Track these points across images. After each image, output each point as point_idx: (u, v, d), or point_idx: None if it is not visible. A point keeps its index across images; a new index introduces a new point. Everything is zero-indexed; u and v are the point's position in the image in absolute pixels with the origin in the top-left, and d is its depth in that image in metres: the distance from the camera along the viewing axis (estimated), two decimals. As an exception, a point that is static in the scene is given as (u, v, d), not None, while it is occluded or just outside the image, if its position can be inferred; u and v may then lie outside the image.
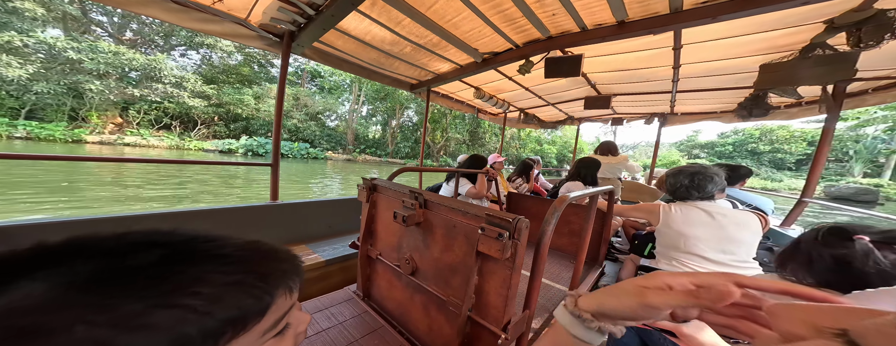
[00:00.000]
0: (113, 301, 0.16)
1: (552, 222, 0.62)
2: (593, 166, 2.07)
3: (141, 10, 1.24)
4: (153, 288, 0.18)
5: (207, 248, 0.22)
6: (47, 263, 0.17)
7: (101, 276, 0.17)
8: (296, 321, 0.28)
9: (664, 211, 1.16)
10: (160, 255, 0.20)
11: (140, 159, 1.31)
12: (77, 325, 0.15)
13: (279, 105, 1.70)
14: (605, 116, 3.95)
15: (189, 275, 0.19)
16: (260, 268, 0.23)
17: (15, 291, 0.15)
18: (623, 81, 2.51)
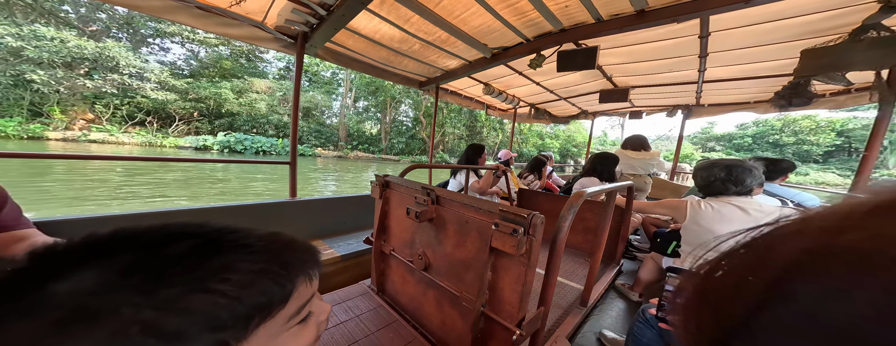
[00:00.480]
0: (154, 286, 0.18)
1: (569, 217, 0.61)
2: (610, 162, 1.97)
3: (170, 17, 1.32)
4: (188, 274, 0.19)
5: (233, 239, 0.23)
6: (98, 252, 0.19)
7: (144, 264, 0.19)
8: (317, 309, 0.29)
9: (692, 207, 1.10)
10: (193, 245, 0.21)
11: (154, 158, 1.39)
12: (124, 307, 0.17)
13: (295, 105, 1.75)
14: (622, 110, 3.78)
15: (219, 263, 0.21)
16: (281, 257, 0.24)
17: (74, 277, 0.17)
18: (642, 72, 2.39)
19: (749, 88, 2.50)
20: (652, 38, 1.78)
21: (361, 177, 10.65)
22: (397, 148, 21.02)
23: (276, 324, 0.23)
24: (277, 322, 0.23)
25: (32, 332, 0.15)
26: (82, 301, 0.16)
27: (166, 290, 0.18)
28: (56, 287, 0.17)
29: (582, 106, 3.76)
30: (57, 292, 0.17)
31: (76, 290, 0.17)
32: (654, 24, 1.39)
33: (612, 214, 1.02)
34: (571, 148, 27.80)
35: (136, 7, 1.24)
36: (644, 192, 2.45)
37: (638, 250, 2.03)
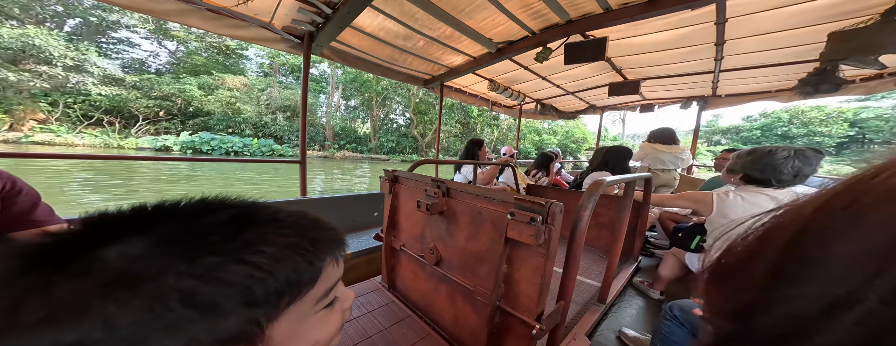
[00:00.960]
0: (195, 254, 0.18)
1: (589, 206, 0.59)
2: (623, 156, 1.89)
3: (182, 20, 1.34)
4: (226, 244, 0.19)
5: (267, 213, 0.23)
6: (146, 221, 0.19)
7: (186, 232, 0.19)
8: (342, 295, 0.28)
9: (719, 199, 1.03)
10: (231, 215, 0.21)
11: (161, 158, 1.41)
12: (166, 273, 0.17)
13: (304, 106, 1.77)
14: (632, 103, 3.69)
15: (254, 235, 0.21)
16: (310, 234, 0.24)
17: (122, 243, 0.18)
18: (654, 63, 2.31)
19: (770, 76, 2.38)
20: (664, 27, 1.72)
21: (341, 177, 10.04)
22: (387, 147, 20.01)
23: (305, 305, 0.23)
24: (306, 303, 0.23)
25: (80, 293, 0.15)
26: (128, 266, 0.17)
27: (206, 258, 0.18)
28: (106, 252, 0.17)
29: (590, 100, 3.69)
30: (106, 256, 0.17)
31: (123, 254, 0.17)
32: (666, 12, 1.34)
33: (630, 207, 0.98)
34: (570, 144, 26.94)
35: (148, 11, 1.26)
36: (670, 188, 2.34)
37: (656, 247, 1.96)
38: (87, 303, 0.15)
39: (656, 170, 2.33)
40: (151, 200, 0.21)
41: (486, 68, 2.33)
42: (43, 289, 0.15)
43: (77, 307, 0.15)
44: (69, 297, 0.15)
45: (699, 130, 3.55)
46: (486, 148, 2.30)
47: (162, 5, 1.26)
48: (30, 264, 0.16)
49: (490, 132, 23.54)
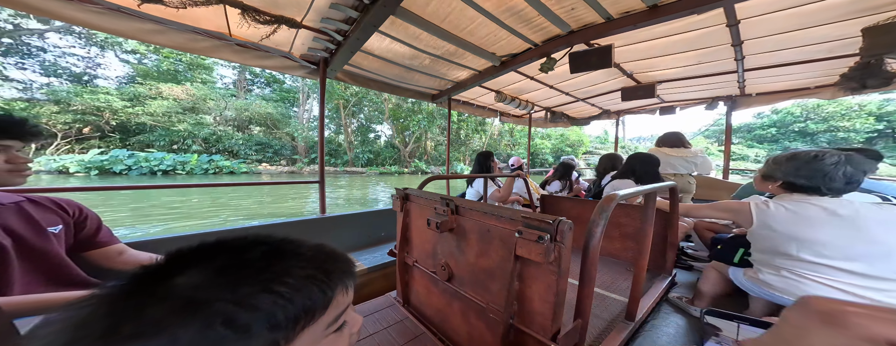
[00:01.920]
0: (236, 284, 0.23)
1: (601, 222, 0.58)
2: (651, 163, 1.77)
3: (216, 55, 1.53)
4: (259, 276, 0.24)
5: (290, 248, 0.28)
6: (205, 256, 0.25)
7: (230, 266, 0.24)
8: (351, 320, 0.32)
9: (758, 209, 0.95)
10: (263, 251, 0.26)
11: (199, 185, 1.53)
12: (215, 301, 0.21)
13: (321, 129, 1.90)
14: (650, 106, 3.57)
15: (280, 268, 0.25)
16: (325, 265, 0.28)
17: (188, 276, 0.23)
18: (668, 66, 2.25)
19: (806, 72, 2.22)
20: (672, 32, 1.70)
21: (295, 197, 8.57)
22: (363, 159, 18.20)
23: (317, 329, 0.26)
24: (318, 327, 0.26)
25: (160, 315, 0.20)
26: (191, 294, 0.21)
27: (244, 288, 0.23)
28: (177, 281, 0.22)
29: (602, 106, 3.60)
30: (177, 285, 0.22)
31: (188, 285, 0.22)
32: (670, 18, 1.33)
33: (653, 218, 0.93)
34: (566, 148, 25.45)
35: (186, 49, 1.44)
36: (688, 193, 2.23)
37: (694, 260, 1.80)
38: (164, 323, 0.20)
39: (667, 174, 2.24)
40: (209, 237, 0.27)
41: (492, 81, 2.39)
42: (137, 311, 0.20)
43: (157, 327, 0.19)
44: (153, 318, 0.20)
45: (730, 129, 3.27)
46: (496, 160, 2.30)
47: (200, 44, 1.44)
48: (130, 290, 0.22)
49: (479, 138, 22.08)
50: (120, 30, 1.24)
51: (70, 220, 0.81)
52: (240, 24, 1.36)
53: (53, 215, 0.79)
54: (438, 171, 18.86)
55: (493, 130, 22.69)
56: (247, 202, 7.94)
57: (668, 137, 2.36)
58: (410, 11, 1.42)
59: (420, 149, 20.65)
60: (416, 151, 21.15)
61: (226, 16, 1.33)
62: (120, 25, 1.23)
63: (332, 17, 1.41)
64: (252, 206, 7.56)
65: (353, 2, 1.31)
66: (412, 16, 1.44)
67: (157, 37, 1.33)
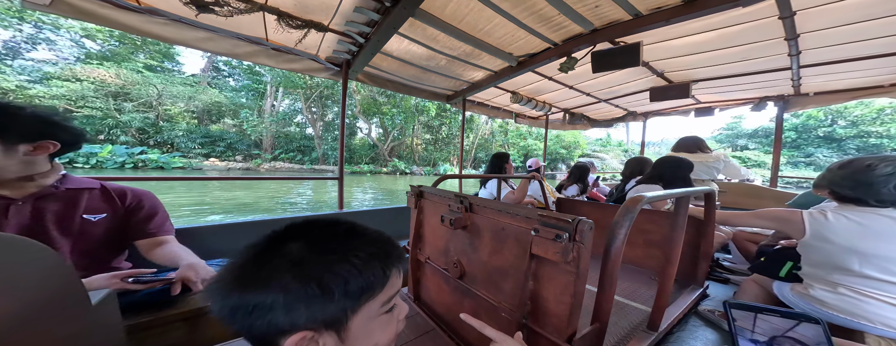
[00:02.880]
0: (325, 252, 0.30)
1: (625, 223, 0.55)
2: (681, 167, 1.64)
3: (255, 59, 1.66)
4: (341, 247, 0.31)
5: (361, 229, 0.35)
6: (305, 230, 0.33)
7: (321, 238, 0.31)
8: (400, 305, 0.37)
9: (813, 220, 0.87)
10: (342, 230, 0.33)
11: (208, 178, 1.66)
12: (311, 264, 0.29)
13: (342, 129, 1.99)
14: (683, 107, 3.29)
15: (353, 244, 0.32)
16: (386, 248, 0.33)
17: (296, 242, 0.31)
18: (706, 63, 2.07)
19: (879, 67, 1.93)
20: (710, 27, 1.56)
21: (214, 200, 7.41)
22: (334, 156, 16.22)
23: (374, 305, 0.32)
24: (376, 304, 0.32)
25: (280, 266, 0.29)
26: (298, 255, 0.29)
27: (330, 255, 0.30)
28: (290, 246, 0.30)
29: (628, 107, 3.39)
30: (290, 249, 0.30)
31: (297, 249, 0.30)
32: (710, 12, 1.22)
33: (684, 225, 0.87)
34: (560, 149, 23.55)
35: (231, 54, 1.58)
36: None
37: (731, 272, 1.64)
38: (278, 273, 0.28)
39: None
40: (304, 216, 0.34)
41: (509, 81, 2.36)
42: (262, 264, 0.29)
43: (278, 273, 0.28)
44: (273, 268, 0.28)
45: (781, 132, 2.91)
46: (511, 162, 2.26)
47: (241, 49, 1.58)
48: (260, 250, 0.30)
49: (466, 136, 21.32)
50: (180, 39, 1.39)
51: (121, 209, 0.88)
52: (276, 30, 1.47)
53: (105, 204, 0.85)
54: (422, 172, 17.93)
55: (484, 130, 21.26)
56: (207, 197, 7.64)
57: (685, 141, 2.23)
58: (429, 13, 1.45)
59: (404, 147, 19.03)
60: (397, 149, 19.32)
61: (264, 22, 1.44)
62: (180, 35, 1.38)
63: (355, 20, 1.47)
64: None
65: (375, 4, 1.36)
66: (431, 17, 1.47)
67: (208, 43, 1.48)
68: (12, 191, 0.72)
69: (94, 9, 1.16)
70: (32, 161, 0.71)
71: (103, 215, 0.84)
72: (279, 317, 0.27)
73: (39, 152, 0.71)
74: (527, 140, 22.70)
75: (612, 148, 29.52)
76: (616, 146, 30.05)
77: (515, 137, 22.49)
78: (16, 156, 0.67)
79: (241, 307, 0.27)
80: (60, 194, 0.78)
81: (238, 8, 1.27)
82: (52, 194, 0.77)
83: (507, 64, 2.07)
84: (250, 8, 1.29)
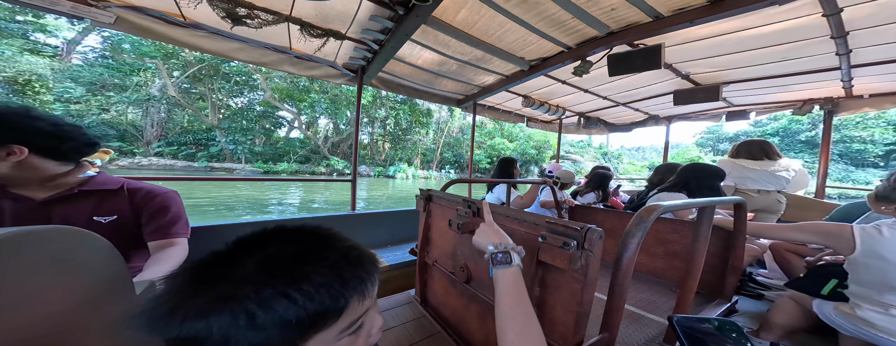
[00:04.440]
0: (262, 284, 0.25)
1: (637, 233, 0.53)
2: (709, 175, 1.50)
3: (278, 67, 1.77)
4: (281, 279, 0.26)
5: (318, 249, 0.29)
6: (256, 244, 0.29)
7: (267, 261, 0.27)
8: (370, 322, 0.33)
9: (866, 234, 0.81)
10: (293, 252, 0.28)
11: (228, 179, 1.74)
12: (244, 299, 0.24)
13: (356, 131, 2.06)
14: (713, 111, 3.03)
15: (301, 273, 0.26)
16: (343, 274, 0.28)
17: (230, 266, 0.27)
18: (739, 64, 1.91)
19: None
20: (744, 26, 1.45)
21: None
22: (244, 150, 12.61)
23: (329, 335, 0.28)
24: (331, 333, 0.28)
25: (204, 302, 0.24)
26: (229, 289, 0.25)
27: (266, 290, 0.25)
28: (236, 269, 0.26)
29: (649, 111, 3.23)
30: (234, 273, 0.26)
31: (243, 271, 0.26)
32: (739, 12, 1.14)
33: (707, 236, 0.82)
34: (530, 150, 21.13)
35: (259, 63, 1.70)
36: (774, 213, 1.84)
37: (764, 287, 1.51)
38: (205, 311, 0.24)
39: (746, 191, 1.86)
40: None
41: (521, 85, 2.35)
42: (189, 298, 0.25)
43: (200, 312, 0.24)
44: (198, 304, 0.24)
45: (830, 139, 2.56)
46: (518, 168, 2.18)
47: (268, 58, 1.70)
48: (211, 262, 0.27)
49: (423, 133, 17.79)
50: (217, 50, 1.53)
51: (131, 209, 0.84)
52: (298, 39, 1.57)
53: (118, 205, 0.83)
54: (371, 173, 15.89)
55: (451, 126, 18.71)
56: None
57: (750, 146, 1.91)
58: (441, 20, 1.49)
59: (350, 144, 15.19)
60: (341, 144, 15.82)
61: (288, 32, 1.54)
62: (218, 46, 1.52)
63: (370, 27, 1.54)
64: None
65: (389, 13, 1.41)
66: (442, 24, 1.51)
67: (240, 53, 1.61)
68: (33, 192, 0.74)
69: (150, 25, 1.32)
70: (23, 165, 0.69)
71: (114, 216, 0.82)
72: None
73: (13, 157, 0.67)
74: (494, 139, 20.51)
75: (588, 150, 27.60)
76: (595, 149, 28.14)
77: (483, 136, 20.26)
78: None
79: (174, 338, 0.23)
80: (77, 196, 0.78)
81: (266, 20, 1.37)
82: (70, 196, 0.78)
83: (518, 68, 2.06)
84: (277, 19, 1.39)
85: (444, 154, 19.98)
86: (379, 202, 10.19)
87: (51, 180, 0.76)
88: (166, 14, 1.33)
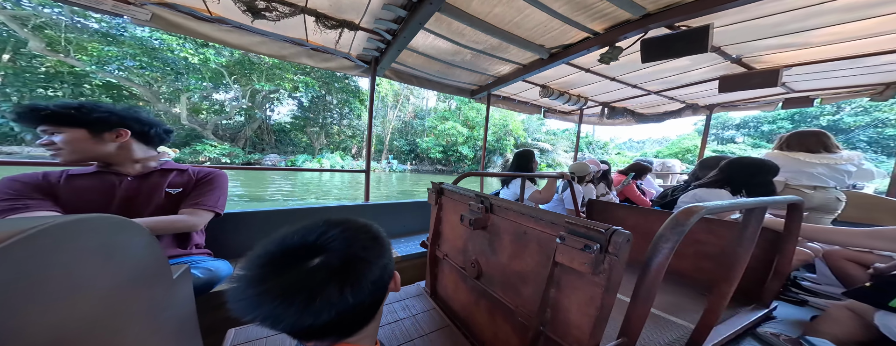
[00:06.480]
0: (362, 262, 0.36)
1: (672, 238, 0.47)
2: (760, 172, 1.34)
3: (297, 60, 1.80)
4: (370, 251, 0.38)
5: (376, 228, 0.42)
6: (333, 236, 0.37)
7: (360, 244, 0.37)
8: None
9: None
10: (373, 235, 0.40)
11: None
12: (355, 277, 0.34)
13: (369, 124, 2.07)
14: (764, 98, 2.65)
15: (381, 247, 0.40)
16: (389, 253, 0.42)
17: (330, 254, 0.35)
18: (804, 45, 1.65)
19: None
20: (812, 1, 1.23)
21: None
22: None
23: (385, 296, 0.41)
24: (386, 296, 0.41)
25: (328, 282, 0.33)
26: (342, 266, 0.34)
27: (371, 264, 0.37)
28: (330, 255, 0.35)
29: (686, 99, 2.89)
30: (331, 259, 0.34)
31: (337, 258, 0.35)
32: None
33: (754, 240, 0.73)
34: (489, 138, 15.52)
35: (279, 56, 1.74)
36: (830, 213, 1.62)
37: (810, 294, 1.37)
38: (330, 286, 0.32)
39: (799, 187, 1.63)
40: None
41: (539, 75, 2.22)
42: (312, 272, 0.33)
43: (328, 289, 0.32)
44: (324, 282, 0.33)
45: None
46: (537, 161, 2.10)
47: (287, 50, 1.73)
48: (304, 252, 0.35)
49: (356, 113, 14.81)
50: (241, 44, 1.59)
51: (192, 183, 1.06)
52: (314, 31, 1.59)
53: (183, 181, 1.05)
54: (274, 162, 13.14)
55: (406, 111, 15.25)
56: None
57: (804, 137, 1.67)
58: (456, 7, 1.42)
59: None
60: (242, 128, 12.71)
61: (304, 24, 1.55)
62: (241, 40, 1.57)
63: (383, 17, 1.50)
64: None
65: (402, 1, 1.37)
66: (457, 11, 1.44)
67: (261, 47, 1.66)
68: (127, 169, 0.98)
69: (181, 21, 1.40)
70: (124, 146, 0.93)
71: (179, 189, 1.04)
72: (331, 329, 0.34)
73: (119, 139, 0.91)
74: (447, 122, 17.23)
75: (560, 140, 24.21)
76: (564, 139, 24.48)
77: (434, 120, 17.25)
78: (105, 142, 0.89)
79: (290, 323, 0.31)
80: (157, 173, 1.02)
81: (283, 12, 1.39)
82: (152, 173, 1.01)
83: (537, 56, 1.94)
84: (293, 11, 1.41)
85: (395, 142, 16.77)
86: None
87: (140, 161, 0.99)
88: (194, 10, 1.39)
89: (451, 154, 18.08)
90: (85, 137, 0.85)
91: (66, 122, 0.83)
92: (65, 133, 0.83)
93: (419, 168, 18.45)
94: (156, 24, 1.35)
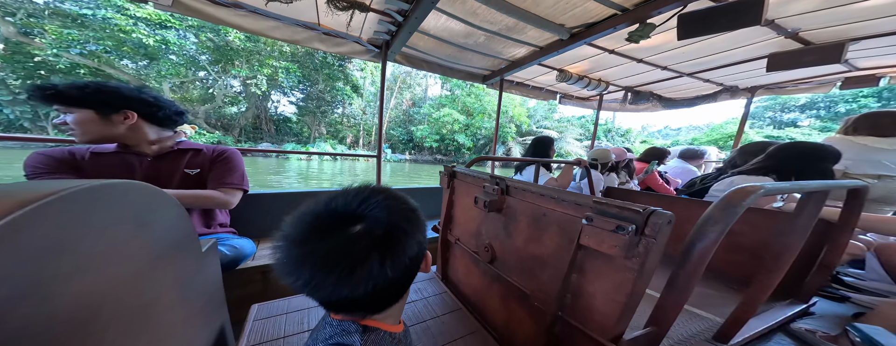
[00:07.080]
0: (404, 237, 0.35)
1: (722, 219, 0.42)
2: (817, 158, 1.19)
3: (309, 44, 1.79)
4: (411, 224, 0.36)
5: (411, 205, 0.40)
6: (382, 193, 0.37)
7: (400, 215, 0.36)
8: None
9: None
10: (411, 206, 0.39)
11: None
12: (398, 252, 0.34)
13: (381, 110, 2.05)
14: (820, 78, 2.33)
15: (418, 220, 0.38)
16: (425, 225, 0.41)
17: (373, 226, 0.34)
18: (872, 15, 1.42)
19: None
20: None
21: None
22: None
23: (418, 270, 0.40)
24: (418, 270, 0.40)
25: (369, 250, 0.32)
26: (384, 239, 0.34)
27: (410, 239, 0.35)
28: (373, 227, 0.34)
29: (725, 81, 2.59)
30: (375, 229, 0.34)
31: (380, 230, 0.34)
32: None
33: (808, 230, 0.66)
34: (486, 124, 16.29)
35: (292, 40, 1.73)
36: (893, 205, 1.45)
37: (854, 290, 1.26)
38: (370, 255, 0.32)
39: (860, 176, 1.45)
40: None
41: (555, 58, 2.08)
42: (354, 240, 0.32)
43: (368, 259, 0.31)
44: (365, 251, 0.32)
45: None
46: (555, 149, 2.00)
47: (300, 35, 1.72)
48: (346, 221, 0.34)
49: (350, 102, 13.70)
50: (256, 28, 1.60)
51: (208, 162, 1.08)
52: (325, 13, 1.55)
53: (200, 160, 1.06)
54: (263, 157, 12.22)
55: (403, 98, 13.79)
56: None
57: (877, 118, 1.45)
58: (471, -19, 1.32)
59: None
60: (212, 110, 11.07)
61: (316, 7, 1.53)
62: (257, 25, 1.58)
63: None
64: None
65: (414, -22, 1.30)
66: (472, -14, 1.35)
67: (276, 32, 1.66)
68: (144, 149, 0.99)
69: (200, 6, 1.42)
70: (133, 128, 0.92)
71: (198, 170, 1.05)
72: (364, 304, 0.34)
73: (128, 121, 0.90)
74: (442, 110, 15.10)
75: (572, 127, 21.39)
76: (578, 127, 21.69)
77: (430, 108, 15.26)
78: (114, 124, 0.89)
79: (328, 292, 0.31)
80: (173, 154, 1.04)
81: None
82: (169, 153, 1.03)
83: (556, 37, 1.81)
84: (302, -7, 1.37)
85: (392, 132, 15.83)
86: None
87: (156, 142, 1.00)
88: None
89: (449, 143, 17.00)
90: (93, 118, 0.85)
91: (73, 102, 0.83)
92: (75, 113, 0.84)
93: (418, 158, 18.32)
94: (177, 10, 1.37)
